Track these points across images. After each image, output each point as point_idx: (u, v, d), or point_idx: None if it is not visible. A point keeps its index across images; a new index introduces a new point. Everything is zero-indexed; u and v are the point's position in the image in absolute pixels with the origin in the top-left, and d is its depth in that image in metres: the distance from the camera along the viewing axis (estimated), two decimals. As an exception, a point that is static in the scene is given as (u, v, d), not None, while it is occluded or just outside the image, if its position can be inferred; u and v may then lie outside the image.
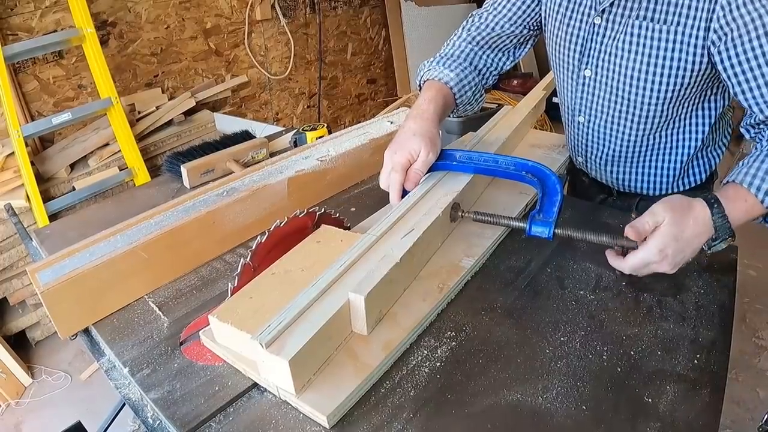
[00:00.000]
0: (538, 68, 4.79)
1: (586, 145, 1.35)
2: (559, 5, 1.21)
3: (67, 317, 0.98)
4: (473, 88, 1.30)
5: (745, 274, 2.84)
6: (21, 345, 2.56)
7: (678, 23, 1.04)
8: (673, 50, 1.07)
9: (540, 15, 1.30)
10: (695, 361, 0.84)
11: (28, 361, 2.51)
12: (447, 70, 1.26)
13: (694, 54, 1.05)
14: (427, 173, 1.11)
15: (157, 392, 0.83)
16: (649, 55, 1.10)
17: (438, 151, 1.12)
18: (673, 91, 1.12)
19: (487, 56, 1.35)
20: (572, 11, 1.19)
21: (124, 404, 1.75)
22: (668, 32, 1.06)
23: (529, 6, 1.29)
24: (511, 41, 1.34)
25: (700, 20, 1.01)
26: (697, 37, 1.03)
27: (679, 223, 0.90)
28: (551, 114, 2.96)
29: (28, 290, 2.46)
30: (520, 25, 1.30)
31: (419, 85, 1.32)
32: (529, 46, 1.38)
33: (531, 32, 1.34)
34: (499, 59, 1.37)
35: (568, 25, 1.21)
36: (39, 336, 2.57)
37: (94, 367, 2.43)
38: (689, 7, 1.01)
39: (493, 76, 1.38)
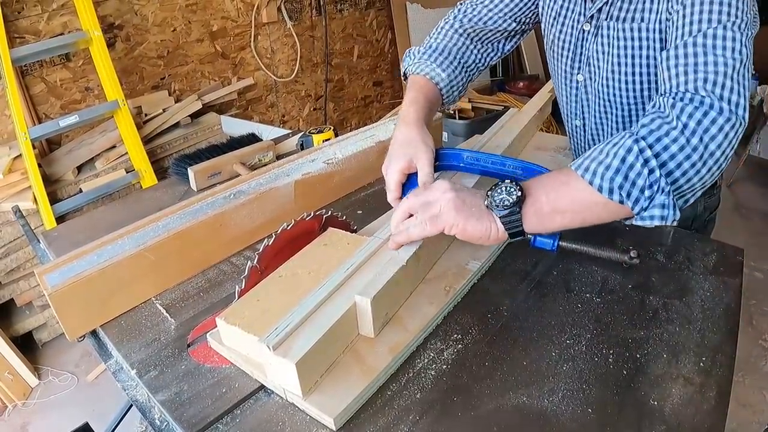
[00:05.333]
0: (544, 70, 4.79)
1: (584, 148, 1.36)
2: (555, 11, 1.23)
3: (75, 319, 0.99)
4: (460, 87, 1.30)
5: (751, 277, 2.83)
6: (28, 346, 2.57)
7: (642, 19, 1.06)
8: (640, 48, 1.08)
9: (533, 11, 1.29)
10: (701, 364, 0.84)
11: (34, 362, 2.52)
12: (439, 69, 1.24)
13: (659, 49, 1.06)
14: (435, 172, 1.10)
15: (165, 394, 0.83)
16: (618, 56, 1.12)
17: (431, 148, 1.07)
18: (649, 89, 1.13)
19: (477, 49, 1.33)
20: (564, 17, 1.21)
21: (130, 406, 1.76)
22: (632, 30, 1.07)
23: (523, 2, 1.27)
24: (502, 35, 1.33)
25: (659, 12, 1.02)
26: (661, 32, 1.04)
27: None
28: (557, 116, 2.96)
29: (35, 291, 2.48)
30: (512, 20, 1.29)
31: (404, 74, 1.30)
32: (517, 40, 1.37)
33: (522, 27, 1.33)
34: (487, 53, 1.36)
35: (560, 31, 1.23)
36: (46, 337, 2.59)
37: (100, 368, 2.44)
38: (651, 1, 1.03)
39: (479, 70, 1.36)
